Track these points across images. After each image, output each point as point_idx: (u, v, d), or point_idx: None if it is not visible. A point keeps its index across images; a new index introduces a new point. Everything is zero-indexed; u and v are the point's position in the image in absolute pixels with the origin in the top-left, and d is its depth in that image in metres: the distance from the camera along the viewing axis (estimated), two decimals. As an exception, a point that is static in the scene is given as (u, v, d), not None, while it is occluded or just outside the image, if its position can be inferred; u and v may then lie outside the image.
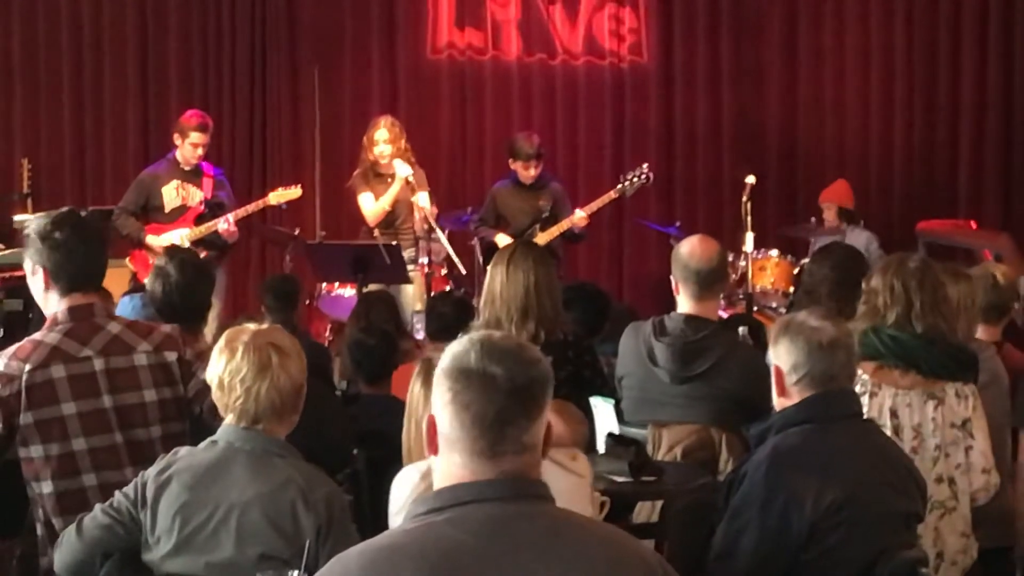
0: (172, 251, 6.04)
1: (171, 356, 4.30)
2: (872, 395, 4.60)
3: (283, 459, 3.68)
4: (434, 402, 2.53)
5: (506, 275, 5.49)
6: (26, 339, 4.27)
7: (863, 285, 4.88)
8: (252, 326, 3.77)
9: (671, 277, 5.57)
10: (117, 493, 3.76)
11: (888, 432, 4.51)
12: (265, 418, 3.68)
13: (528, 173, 9.76)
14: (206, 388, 4.15)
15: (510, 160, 9.86)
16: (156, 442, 4.22)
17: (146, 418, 4.23)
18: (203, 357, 4.30)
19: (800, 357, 3.98)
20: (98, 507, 3.76)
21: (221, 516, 3.61)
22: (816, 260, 6.23)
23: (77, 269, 4.27)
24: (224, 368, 3.68)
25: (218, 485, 3.63)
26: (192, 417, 4.34)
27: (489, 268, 5.66)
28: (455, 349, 2.54)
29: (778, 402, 4.09)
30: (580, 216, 9.61)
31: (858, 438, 4.03)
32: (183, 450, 3.75)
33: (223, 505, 3.61)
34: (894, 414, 4.58)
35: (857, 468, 3.91)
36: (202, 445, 3.74)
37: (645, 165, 9.99)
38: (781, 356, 4.04)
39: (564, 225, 9.63)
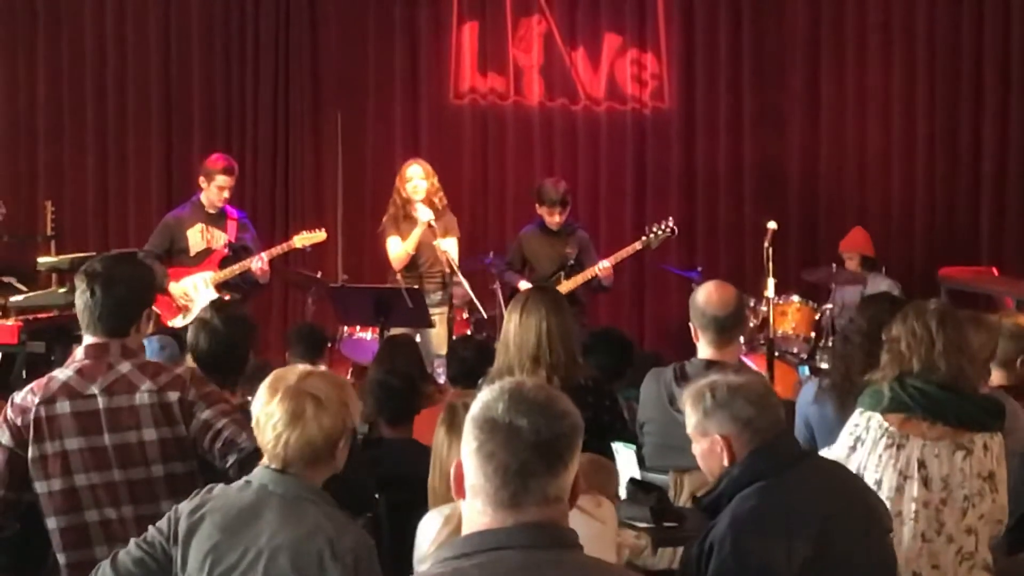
0: (218, 305, 6.09)
1: (173, 396, 4.28)
2: (900, 447, 4.55)
3: (315, 505, 3.64)
4: (462, 448, 2.53)
5: (519, 322, 5.47)
6: (48, 375, 4.37)
7: (883, 335, 4.86)
8: (302, 368, 3.74)
9: (690, 323, 5.57)
10: (151, 527, 3.74)
11: (916, 483, 4.49)
12: (295, 465, 3.65)
13: (553, 219, 9.75)
14: (205, 428, 4.17)
15: (537, 205, 9.86)
16: (157, 481, 4.23)
17: (145, 457, 4.24)
18: (208, 398, 4.32)
19: (750, 413, 3.91)
20: (133, 541, 3.75)
21: (251, 560, 3.58)
22: (859, 309, 6.20)
23: (89, 314, 4.36)
24: (261, 409, 3.66)
25: (250, 528, 3.61)
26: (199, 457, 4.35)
27: (506, 313, 5.66)
28: (485, 397, 2.53)
29: (726, 468, 3.98)
30: (604, 266, 9.57)
31: (813, 481, 3.93)
32: (218, 488, 3.73)
33: (252, 549, 3.59)
34: (922, 465, 4.54)
35: (822, 514, 3.82)
36: (236, 485, 3.71)
37: (671, 219, 9.93)
38: (725, 422, 3.93)
39: (588, 274, 9.58)
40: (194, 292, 9.22)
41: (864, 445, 4.57)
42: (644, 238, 9.83)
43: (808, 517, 3.80)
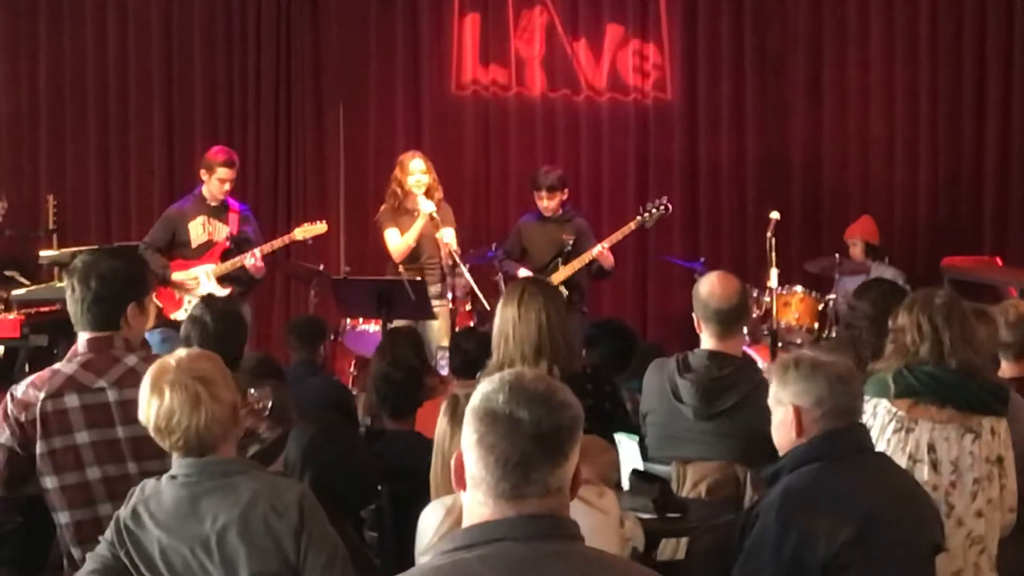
0: (209, 300, 6.08)
1: None
2: (909, 430, 4.56)
3: (244, 475, 3.70)
4: (462, 440, 2.53)
5: (518, 315, 5.45)
6: (48, 368, 4.36)
7: (889, 323, 4.85)
8: (173, 360, 3.73)
9: (693, 314, 5.56)
10: (101, 539, 3.77)
11: (926, 467, 4.49)
12: (210, 446, 3.69)
13: (543, 204, 9.75)
14: None
15: (534, 192, 9.87)
16: None
17: (160, 450, 4.24)
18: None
19: (823, 391, 3.96)
20: (88, 557, 3.78)
21: (203, 551, 3.62)
22: (858, 295, 6.20)
23: (78, 311, 4.37)
24: (156, 413, 3.68)
25: (191, 521, 3.64)
26: None
27: (499, 307, 5.60)
28: (485, 389, 2.52)
29: (795, 443, 4.05)
30: (599, 249, 9.56)
31: (871, 474, 3.99)
32: (149, 486, 3.75)
33: (200, 540, 3.62)
34: (932, 448, 4.54)
35: (870, 505, 3.86)
36: (164, 480, 3.73)
37: (664, 197, 9.98)
38: (800, 394, 4.00)
39: (585, 258, 9.58)
40: (196, 285, 9.22)
41: (872, 431, 4.56)
42: (639, 217, 9.83)
43: (859, 504, 3.86)
